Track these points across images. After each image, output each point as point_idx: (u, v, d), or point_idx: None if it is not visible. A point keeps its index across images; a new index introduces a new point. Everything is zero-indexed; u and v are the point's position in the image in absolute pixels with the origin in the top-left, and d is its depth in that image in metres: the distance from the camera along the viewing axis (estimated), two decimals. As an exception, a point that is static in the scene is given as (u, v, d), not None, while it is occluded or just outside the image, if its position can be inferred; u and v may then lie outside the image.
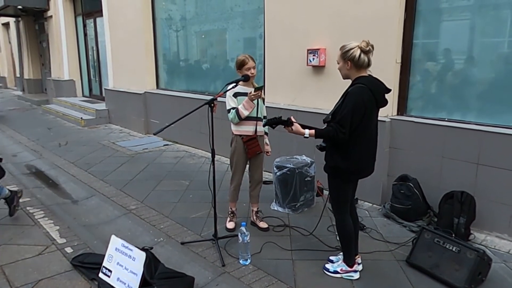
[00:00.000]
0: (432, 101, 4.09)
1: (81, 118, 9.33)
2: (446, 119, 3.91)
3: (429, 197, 3.89)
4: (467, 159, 3.68)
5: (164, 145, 7.30)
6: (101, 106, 9.79)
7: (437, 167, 3.89)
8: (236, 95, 3.52)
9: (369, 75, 2.70)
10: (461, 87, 3.88)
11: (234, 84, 3.41)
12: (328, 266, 3.07)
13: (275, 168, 4.26)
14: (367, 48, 2.62)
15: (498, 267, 3.14)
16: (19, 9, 12.54)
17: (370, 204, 4.37)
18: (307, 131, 2.74)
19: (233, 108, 3.50)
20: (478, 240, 3.56)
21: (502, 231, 3.58)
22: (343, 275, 2.99)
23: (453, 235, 3.17)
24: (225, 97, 3.53)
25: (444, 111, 3.98)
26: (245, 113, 3.46)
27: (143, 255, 2.79)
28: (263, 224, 3.82)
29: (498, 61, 3.64)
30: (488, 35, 3.68)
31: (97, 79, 11.16)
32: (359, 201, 4.38)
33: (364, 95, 2.58)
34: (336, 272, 3.01)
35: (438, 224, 3.63)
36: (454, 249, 2.95)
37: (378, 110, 2.75)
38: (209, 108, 3.23)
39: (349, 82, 2.75)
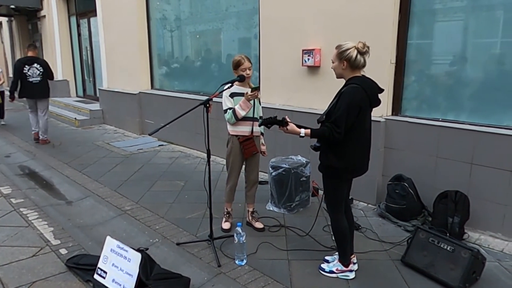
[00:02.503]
0: (426, 101, 4.11)
1: (75, 118, 9.27)
2: (441, 119, 3.94)
3: (423, 197, 3.92)
4: (461, 159, 3.71)
5: (159, 145, 7.27)
6: (95, 106, 9.74)
7: (431, 167, 3.92)
8: (232, 95, 3.52)
9: (363, 75, 2.71)
10: (455, 87, 3.90)
11: (230, 84, 3.41)
12: (323, 266, 3.08)
13: (270, 168, 4.27)
14: (364, 50, 2.64)
15: (492, 266, 3.16)
16: (12, 8, 12.44)
17: (365, 204, 4.39)
18: (302, 130, 2.74)
19: (230, 108, 3.50)
20: (472, 239, 3.59)
21: (495, 230, 3.61)
22: (339, 274, 3.00)
23: (448, 235, 3.20)
24: (220, 97, 3.53)
25: (438, 111, 4.01)
26: (242, 113, 3.47)
27: (138, 256, 2.78)
28: (258, 225, 3.82)
29: (491, 62, 3.67)
30: (482, 35, 3.71)
31: (91, 79, 11.09)
32: (354, 201, 4.40)
33: (358, 95, 2.60)
34: (331, 272, 3.02)
35: (432, 224, 3.65)
36: (448, 248, 2.97)
37: (372, 109, 2.77)
38: (205, 109, 3.23)
39: (343, 82, 2.76)
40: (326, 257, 3.21)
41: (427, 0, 3.96)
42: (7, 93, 10.66)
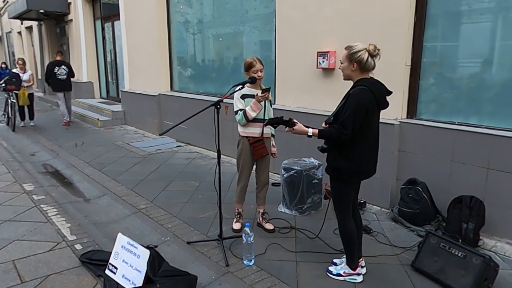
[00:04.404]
0: (442, 105, 4.03)
1: (98, 119, 9.54)
2: (456, 123, 3.85)
3: (438, 202, 3.84)
4: (477, 164, 3.62)
5: (177, 146, 7.40)
6: (117, 107, 10.00)
7: (446, 171, 3.84)
8: (243, 97, 3.55)
9: (371, 77, 2.70)
10: (471, 90, 3.82)
11: (241, 86, 3.45)
12: (331, 268, 3.07)
13: (282, 170, 4.28)
14: (375, 52, 2.63)
15: (507, 274, 3.07)
16: (41, 13, 12.94)
17: (379, 208, 4.33)
18: (310, 130, 2.74)
19: (241, 109, 3.54)
20: (487, 246, 3.49)
21: (513, 237, 3.50)
22: (346, 278, 2.98)
23: (460, 241, 3.12)
24: (232, 98, 3.57)
25: (454, 115, 3.92)
26: (252, 114, 3.50)
27: (147, 253, 2.85)
28: (269, 226, 3.83)
29: (510, 64, 3.56)
30: (499, 38, 3.62)
31: (114, 81, 11.40)
32: (367, 204, 4.35)
33: (365, 97, 2.58)
34: (339, 274, 3.00)
35: (446, 229, 3.57)
36: (459, 254, 2.90)
37: (380, 112, 2.75)
38: (215, 110, 3.28)
39: (351, 83, 2.75)
40: (335, 260, 3.19)
41: (444, 3, 3.89)
42: (36, 94, 11.10)
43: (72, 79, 9.85)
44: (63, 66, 9.64)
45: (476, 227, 3.45)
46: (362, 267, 3.04)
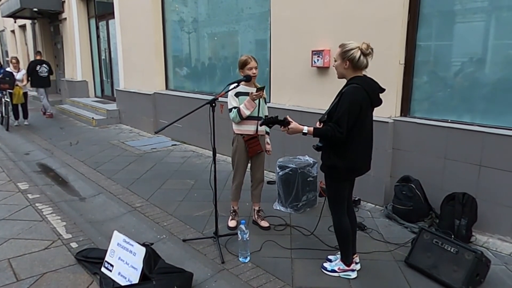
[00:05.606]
0: (435, 103, 4.08)
1: (93, 118, 9.51)
2: (449, 121, 3.90)
3: (431, 198, 3.88)
4: (470, 161, 3.66)
5: (172, 145, 7.40)
6: (112, 106, 9.97)
7: (439, 168, 3.88)
8: (238, 94, 3.57)
9: (364, 75, 2.73)
10: (464, 88, 3.86)
11: (236, 84, 3.46)
12: (326, 265, 3.10)
13: (277, 168, 4.30)
14: (368, 51, 2.66)
15: (499, 269, 3.12)
16: (35, 11, 12.85)
17: (373, 205, 4.37)
18: (305, 128, 2.77)
19: (235, 107, 3.56)
20: (479, 242, 3.54)
21: (504, 233, 3.55)
22: (341, 274, 3.01)
23: (453, 237, 3.17)
24: (227, 97, 3.59)
25: (447, 113, 3.96)
26: (246, 112, 3.52)
27: (143, 250, 2.86)
28: (264, 223, 3.86)
29: (502, 63, 3.61)
30: (491, 37, 3.67)
31: (109, 80, 11.36)
32: (361, 202, 4.39)
33: (358, 94, 2.62)
34: (333, 271, 3.03)
35: (439, 226, 3.62)
36: (452, 250, 2.94)
37: (373, 109, 2.78)
38: (210, 108, 3.29)
39: (345, 81, 2.78)
40: (329, 256, 3.22)
41: (437, 2, 3.93)
42: (30, 93, 11.06)
43: (51, 76, 10.80)
44: (44, 65, 10.53)
45: (469, 223, 3.49)
46: (356, 263, 3.07)
